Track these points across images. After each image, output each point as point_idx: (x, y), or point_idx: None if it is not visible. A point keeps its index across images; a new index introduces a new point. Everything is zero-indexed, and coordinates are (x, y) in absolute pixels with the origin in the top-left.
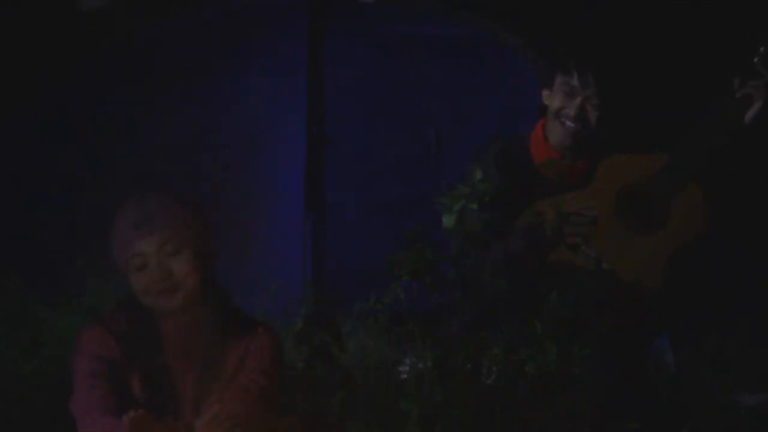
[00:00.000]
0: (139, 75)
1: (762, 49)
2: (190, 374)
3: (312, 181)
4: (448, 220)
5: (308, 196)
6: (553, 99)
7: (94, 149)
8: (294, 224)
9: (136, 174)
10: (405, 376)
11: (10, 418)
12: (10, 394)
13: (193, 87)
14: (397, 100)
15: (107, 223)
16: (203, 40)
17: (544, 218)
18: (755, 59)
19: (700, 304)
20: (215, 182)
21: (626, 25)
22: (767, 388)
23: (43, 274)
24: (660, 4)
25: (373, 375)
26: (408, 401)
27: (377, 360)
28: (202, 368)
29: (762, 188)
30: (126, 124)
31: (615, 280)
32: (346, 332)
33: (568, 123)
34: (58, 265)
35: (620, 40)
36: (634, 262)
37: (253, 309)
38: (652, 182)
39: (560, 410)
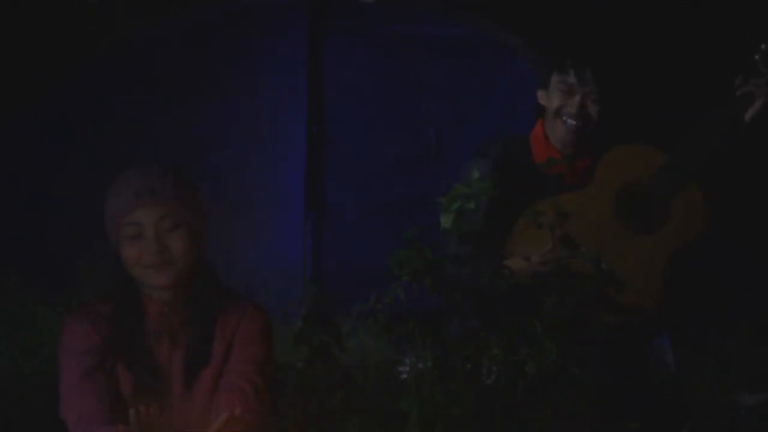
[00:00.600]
0: (139, 75)
1: (763, 46)
2: (176, 356)
3: (312, 181)
4: (445, 221)
5: (308, 196)
6: (551, 99)
7: (94, 149)
8: (294, 224)
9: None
10: (405, 376)
11: (10, 418)
12: (10, 394)
13: (193, 87)
14: (397, 100)
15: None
16: (203, 40)
17: (543, 218)
18: (756, 57)
19: (700, 304)
20: (215, 182)
21: (626, 25)
22: (767, 388)
23: (43, 274)
24: (660, 4)
25: (373, 375)
26: (408, 401)
27: (377, 360)
28: (189, 350)
29: (762, 188)
30: (126, 124)
31: (615, 280)
32: (346, 332)
33: (570, 121)
34: (58, 265)
35: (620, 40)
36: (634, 262)
37: None
38: (652, 182)
39: (560, 410)
